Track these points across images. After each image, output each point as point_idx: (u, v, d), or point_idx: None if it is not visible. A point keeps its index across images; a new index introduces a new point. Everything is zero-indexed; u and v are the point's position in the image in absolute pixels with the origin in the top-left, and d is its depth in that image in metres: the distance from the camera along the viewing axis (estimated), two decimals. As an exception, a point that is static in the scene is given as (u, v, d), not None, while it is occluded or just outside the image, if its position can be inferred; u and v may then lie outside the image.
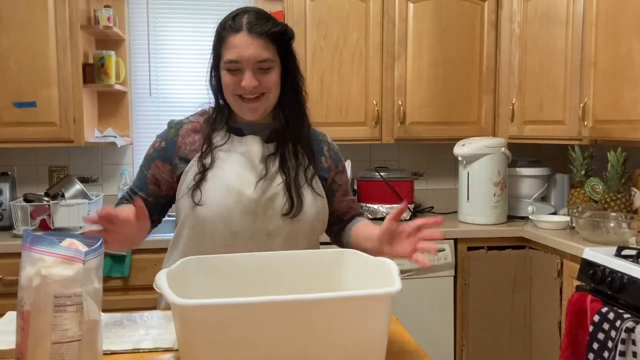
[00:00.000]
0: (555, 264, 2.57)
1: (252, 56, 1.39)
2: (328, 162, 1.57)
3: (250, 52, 1.39)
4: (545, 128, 2.87)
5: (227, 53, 1.41)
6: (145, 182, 1.53)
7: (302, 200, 1.46)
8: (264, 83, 1.42)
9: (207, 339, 0.96)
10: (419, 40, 3.01)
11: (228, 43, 1.41)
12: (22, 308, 0.96)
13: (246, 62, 1.39)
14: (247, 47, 1.39)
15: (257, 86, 1.41)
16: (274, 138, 1.50)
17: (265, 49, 1.40)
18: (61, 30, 2.75)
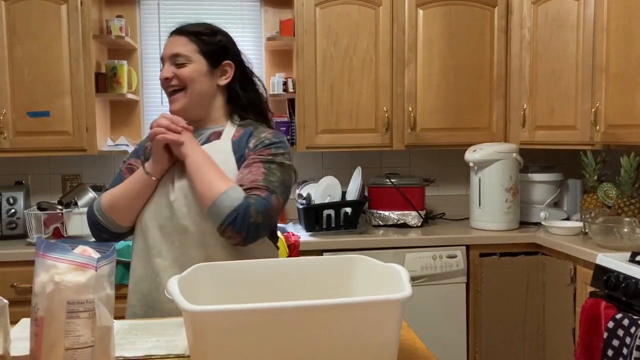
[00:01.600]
0: (568, 270, 2.55)
1: (168, 51, 1.58)
2: (249, 153, 1.55)
3: (168, 49, 1.59)
4: (556, 133, 2.85)
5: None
6: (121, 177, 1.62)
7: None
8: (178, 75, 1.56)
9: (219, 345, 0.96)
10: (429, 46, 3.01)
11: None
12: (35, 314, 0.97)
13: (165, 58, 1.59)
14: (168, 45, 1.60)
15: (169, 77, 1.56)
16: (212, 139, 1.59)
17: (181, 46, 1.57)
18: (74, 40, 2.78)
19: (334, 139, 3.01)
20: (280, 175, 1.53)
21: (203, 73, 1.58)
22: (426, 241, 2.79)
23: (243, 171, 1.51)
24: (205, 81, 1.59)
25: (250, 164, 1.52)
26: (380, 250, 2.71)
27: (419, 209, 3.02)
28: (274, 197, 1.49)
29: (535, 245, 2.80)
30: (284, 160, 1.56)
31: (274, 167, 1.52)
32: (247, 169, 1.51)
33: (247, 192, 1.46)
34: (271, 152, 1.54)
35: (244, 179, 1.49)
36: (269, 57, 3.28)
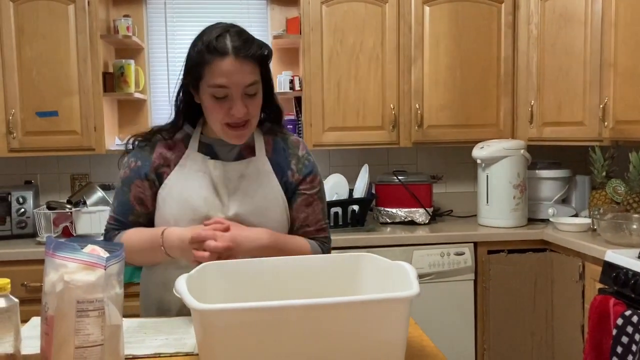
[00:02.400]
0: (577, 266, 2.54)
1: (241, 82, 1.36)
2: (295, 176, 1.51)
3: (239, 79, 1.36)
4: (564, 129, 2.84)
5: (214, 78, 1.36)
6: (129, 205, 1.50)
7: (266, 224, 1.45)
8: (251, 109, 1.40)
9: (227, 343, 0.97)
10: (436, 43, 3.01)
11: (214, 68, 1.36)
12: (46, 313, 0.98)
13: (235, 88, 1.36)
14: (236, 73, 1.35)
15: (247, 113, 1.39)
16: (246, 154, 1.49)
17: (251, 73, 1.38)
18: (82, 40, 2.79)
19: (341, 137, 3.01)
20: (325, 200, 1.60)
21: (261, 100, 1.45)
22: (434, 238, 2.78)
23: (305, 210, 1.52)
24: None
25: (310, 201, 1.53)
26: (388, 247, 2.71)
27: (427, 206, 3.01)
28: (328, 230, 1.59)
29: (544, 242, 2.79)
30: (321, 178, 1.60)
31: (323, 196, 1.57)
32: (310, 207, 1.53)
33: (316, 234, 1.54)
34: (318, 179, 1.56)
35: (309, 219, 1.53)
36: (276, 55, 3.27)
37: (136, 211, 1.51)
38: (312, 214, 1.52)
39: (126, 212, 1.51)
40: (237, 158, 1.49)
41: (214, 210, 1.44)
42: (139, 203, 1.50)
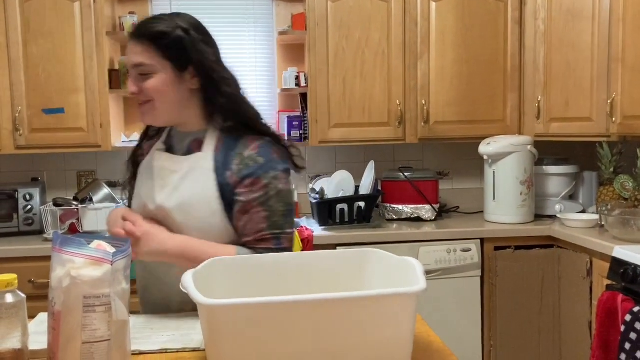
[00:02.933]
0: (584, 263, 2.53)
1: (130, 62, 1.39)
2: (233, 178, 1.39)
3: (130, 58, 1.39)
4: (572, 125, 2.82)
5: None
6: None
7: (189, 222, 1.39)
8: (143, 89, 1.39)
9: (234, 339, 0.97)
10: (442, 38, 2.99)
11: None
12: (53, 308, 0.98)
13: (129, 68, 1.41)
14: (130, 54, 1.39)
15: (135, 92, 1.40)
16: (194, 149, 1.45)
17: (140, 54, 1.38)
18: (87, 37, 2.80)
19: (347, 133, 3.00)
20: (283, 207, 1.40)
21: (170, 81, 1.39)
22: (440, 235, 2.77)
23: (242, 217, 1.38)
24: (173, 89, 1.40)
25: (247, 209, 1.38)
26: (394, 244, 2.70)
27: (433, 202, 3.00)
28: (283, 240, 1.41)
29: (551, 238, 2.78)
30: (280, 185, 1.40)
31: (273, 203, 1.39)
32: (247, 215, 1.38)
33: (255, 244, 1.39)
34: (262, 183, 1.38)
35: (246, 228, 1.39)
36: (281, 52, 3.28)
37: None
38: (250, 223, 1.38)
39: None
40: (187, 152, 1.46)
41: (148, 200, 1.45)
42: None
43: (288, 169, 1.45)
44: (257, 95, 3.31)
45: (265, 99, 3.32)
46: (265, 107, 3.32)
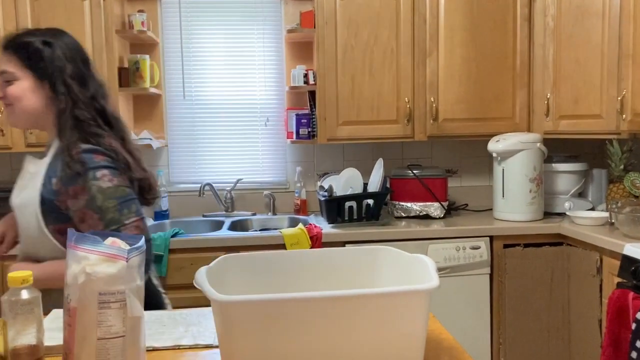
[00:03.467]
0: (594, 260, 2.52)
1: None
2: (57, 184, 1.47)
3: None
4: (581, 122, 2.81)
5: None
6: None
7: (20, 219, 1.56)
8: (6, 94, 1.53)
9: (247, 335, 0.97)
10: (451, 36, 2.99)
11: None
12: (68, 305, 0.99)
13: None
14: None
15: (2, 97, 1.55)
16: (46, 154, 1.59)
17: (5, 63, 1.53)
18: (97, 35, 2.81)
19: (355, 131, 3.00)
20: (113, 203, 1.44)
21: (30, 89, 1.53)
22: (449, 232, 2.77)
23: (82, 226, 1.45)
24: (33, 97, 1.54)
25: (82, 217, 1.45)
26: (403, 241, 2.71)
27: (442, 200, 3.00)
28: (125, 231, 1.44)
29: (560, 235, 2.77)
30: (102, 183, 1.45)
31: (100, 203, 1.43)
32: (85, 223, 1.45)
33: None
34: (85, 187, 1.43)
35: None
36: (290, 49, 3.28)
37: None
38: (90, 228, 1.43)
39: None
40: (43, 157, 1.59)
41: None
42: None
43: (109, 166, 1.48)
44: (265, 93, 3.32)
45: (273, 96, 3.32)
46: (273, 105, 3.33)
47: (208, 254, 2.62)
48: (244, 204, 3.32)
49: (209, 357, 1.16)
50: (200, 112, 3.28)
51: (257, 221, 3.17)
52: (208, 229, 3.07)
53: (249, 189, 3.33)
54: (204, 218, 3.20)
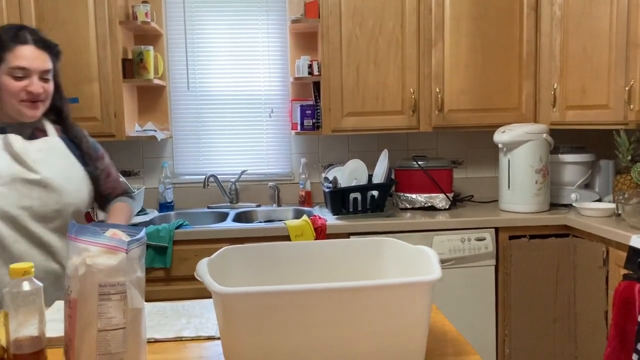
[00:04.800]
0: (600, 252, 2.50)
1: (40, 67, 1.65)
2: (88, 150, 1.82)
3: (38, 63, 1.65)
4: (588, 113, 2.78)
5: (14, 60, 1.62)
6: None
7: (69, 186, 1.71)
8: (47, 90, 1.69)
9: (249, 327, 0.97)
10: (457, 26, 2.96)
11: (16, 52, 1.62)
12: (69, 296, 0.99)
13: (34, 71, 1.64)
14: (35, 59, 1.64)
15: (42, 92, 1.66)
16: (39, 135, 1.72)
17: (47, 62, 1.68)
18: (101, 27, 2.80)
19: (360, 122, 2.98)
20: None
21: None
22: (454, 224, 2.76)
23: (108, 179, 1.89)
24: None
25: (109, 172, 1.90)
26: (408, 233, 2.70)
27: (447, 191, 2.99)
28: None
29: (566, 227, 2.75)
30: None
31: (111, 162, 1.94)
32: (111, 177, 1.90)
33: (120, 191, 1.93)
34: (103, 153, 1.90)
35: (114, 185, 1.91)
36: (294, 40, 3.26)
37: None
38: (115, 181, 1.91)
39: None
40: (31, 138, 1.70)
41: (18, 173, 1.63)
42: None
43: None
44: (269, 84, 3.31)
45: (277, 87, 3.31)
46: (277, 96, 3.31)
47: (212, 245, 2.61)
48: (248, 196, 3.32)
49: (211, 348, 1.15)
50: (205, 103, 3.27)
51: (262, 213, 3.16)
52: (212, 221, 3.07)
53: (254, 180, 3.33)
54: (209, 210, 3.20)
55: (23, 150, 1.65)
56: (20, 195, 1.62)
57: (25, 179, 1.62)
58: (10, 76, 1.62)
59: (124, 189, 1.97)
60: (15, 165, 1.63)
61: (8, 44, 1.62)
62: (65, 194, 1.68)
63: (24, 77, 1.63)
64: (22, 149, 1.65)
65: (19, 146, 1.65)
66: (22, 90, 1.63)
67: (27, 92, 1.63)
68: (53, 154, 1.71)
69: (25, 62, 1.62)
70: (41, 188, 1.64)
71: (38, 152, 1.67)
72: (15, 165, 1.63)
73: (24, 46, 1.63)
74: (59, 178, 1.68)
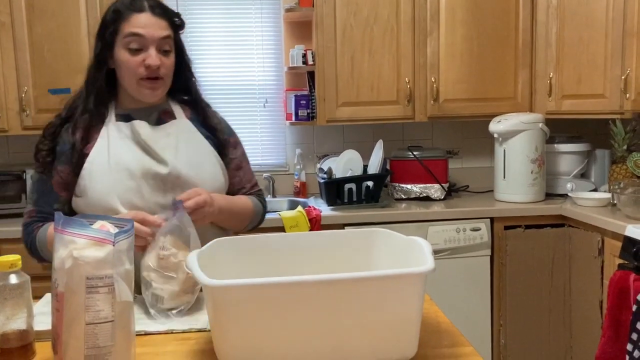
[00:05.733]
0: (595, 242, 2.50)
1: (156, 34, 1.45)
2: (222, 135, 1.61)
3: (154, 30, 1.45)
4: (584, 102, 2.77)
5: (130, 28, 1.44)
6: (53, 193, 1.47)
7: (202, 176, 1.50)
8: (165, 64, 1.47)
9: (239, 320, 0.95)
10: (452, 15, 2.93)
11: (131, 20, 1.45)
12: (56, 290, 0.97)
13: (150, 39, 1.44)
14: (151, 26, 1.45)
15: (160, 65, 1.46)
16: (166, 119, 1.54)
17: (165, 29, 1.47)
18: (92, 16, 2.76)
19: (355, 112, 2.96)
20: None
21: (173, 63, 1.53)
22: (449, 214, 2.75)
23: (237, 173, 1.63)
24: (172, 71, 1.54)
25: (240, 165, 1.65)
26: (403, 223, 2.69)
27: (442, 181, 2.97)
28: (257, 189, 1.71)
29: (562, 217, 2.75)
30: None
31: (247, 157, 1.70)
32: (241, 170, 1.65)
33: (251, 189, 1.67)
34: (239, 142, 1.68)
35: (242, 181, 1.65)
36: (288, 29, 3.23)
37: (62, 198, 1.47)
38: (245, 175, 1.66)
39: (51, 201, 1.47)
40: (158, 123, 1.53)
41: (148, 165, 1.45)
42: (64, 189, 1.46)
43: None
44: (263, 74, 3.28)
45: (272, 77, 3.28)
46: (272, 86, 3.29)
47: (206, 236, 2.60)
48: (243, 187, 3.30)
49: (202, 341, 1.14)
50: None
51: (257, 203, 3.14)
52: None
53: (248, 171, 3.30)
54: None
55: (150, 138, 1.47)
56: (152, 189, 1.43)
57: (156, 172, 1.44)
58: (126, 49, 1.44)
59: (256, 191, 1.68)
60: (145, 157, 1.45)
61: (123, 13, 1.45)
62: (199, 184, 1.46)
63: (140, 49, 1.44)
64: (149, 136, 1.47)
65: (146, 134, 1.47)
66: (140, 66, 1.44)
67: (145, 67, 1.44)
68: (183, 138, 1.51)
69: (140, 29, 1.43)
70: (172, 180, 1.45)
71: (167, 138, 1.49)
72: (144, 157, 1.45)
73: (140, 14, 1.44)
74: (190, 167, 1.47)
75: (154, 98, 1.50)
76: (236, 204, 1.56)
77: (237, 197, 1.60)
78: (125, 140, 1.47)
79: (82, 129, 1.48)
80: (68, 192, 1.46)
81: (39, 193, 1.48)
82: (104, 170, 1.43)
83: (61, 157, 1.47)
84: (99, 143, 1.47)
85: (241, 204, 1.58)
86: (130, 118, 1.51)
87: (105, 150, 1.45)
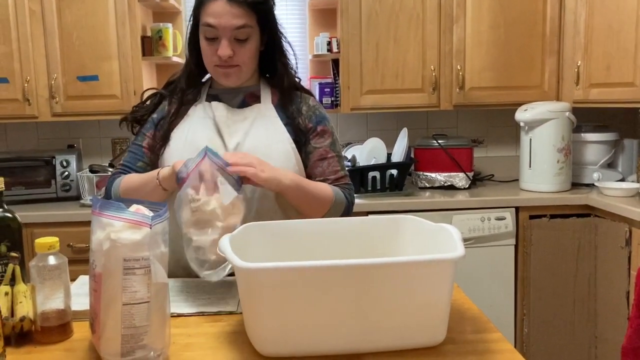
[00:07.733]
0: (623, 232, 2.47)
1: (229, 24, 1.42)
2: (305, 123, 1.55)
3: (226, 20, 1.42)
4: (613, 91, 2.73)
5: (205, 17, 1.44)
6: (141, 152, 1.57)
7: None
8: (238, 55, 1.46)
9: (271, 303, 0.97)
10: (479, 1, 2.90)
11: (207, 9, 1.44)
12: (93, 271, 1.00)
13: (222, 30, 1.43)
14: (225, 15, 1.42)
15: (231, 56, 1.45)
16: (251, 102, 1.55)
17: (242, 17, 1.42)
18: (120, 4, 2.80)
19: (379, 100, 2.96)
20: (341, 151, 1.61)
21: (257, 46, 1.50)
22: (474, 203, 2.74)
23: (320, 163, 1.54)
24: (257, 53, 1.52)
25: (324, 155, 1.54)
26: (427, 212, 2.68)
27: (467, 170, 2.96)
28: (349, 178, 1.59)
29: (588, 207, 2.72)
30: (335, 133, 1.60)
31: (337, 148, 1.58)
32: (325, 161, 1.54)
33: (335, 183, 1.54)
34: (329, 131, 1.56)
35: (325, 172, 1.54)
36: (313, 17, 3.23)
37: (147, 158, 1.56)
38: (329, 167, 1.54)
39: (137, 158, 1.56)
40: (242, 105, 1.55)
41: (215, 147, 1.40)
42: (151, 151, 1.56)
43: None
44: (288, 62, 3.28)
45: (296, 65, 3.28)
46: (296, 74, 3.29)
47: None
48: (267, 174, 3.32)
49: (233, 323, 1.16)
50: (223, 81, 3.26)
51: (280, 191, 3.16)
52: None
53: (272, 158, 3.32)
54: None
55: (224, 121, 1.49)
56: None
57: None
58: (204, 37, 1.46)
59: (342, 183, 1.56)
60: (216, 138, 1.48)
61: (202, 1, 1.45)
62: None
63: (214, 38, 1.44)
64: (223, 118, 1.50)
65: (220, 116, 1.50)
66: (214, 54, 1.45)
67: (218, 57, 1.45)
68: (258, 124, 1.50)
69: (212, 19, 1.42)
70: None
71: (242, 123, 1.50)
72: (215, 138, 1.48)
73: (215, 2, 1.42)
74: (254, 153, 1.40)
75: (230, 83, 1.51)
76: (311, 186, 1.46)
77: (316, 182, 1.51)
78: (207, 120, 1.52)
79: (176, 104, 1.57)
80: (154, 154, 1.56)
81: (130, 151, 1.59)
82: (178, 146, 1.50)
83: (154, 123, 1.57)
84: (185, 120, 1.54)
85: (318, 189, 1.47)
86: (218, 99, 1.55)
87: (187, 127, 1.52)
